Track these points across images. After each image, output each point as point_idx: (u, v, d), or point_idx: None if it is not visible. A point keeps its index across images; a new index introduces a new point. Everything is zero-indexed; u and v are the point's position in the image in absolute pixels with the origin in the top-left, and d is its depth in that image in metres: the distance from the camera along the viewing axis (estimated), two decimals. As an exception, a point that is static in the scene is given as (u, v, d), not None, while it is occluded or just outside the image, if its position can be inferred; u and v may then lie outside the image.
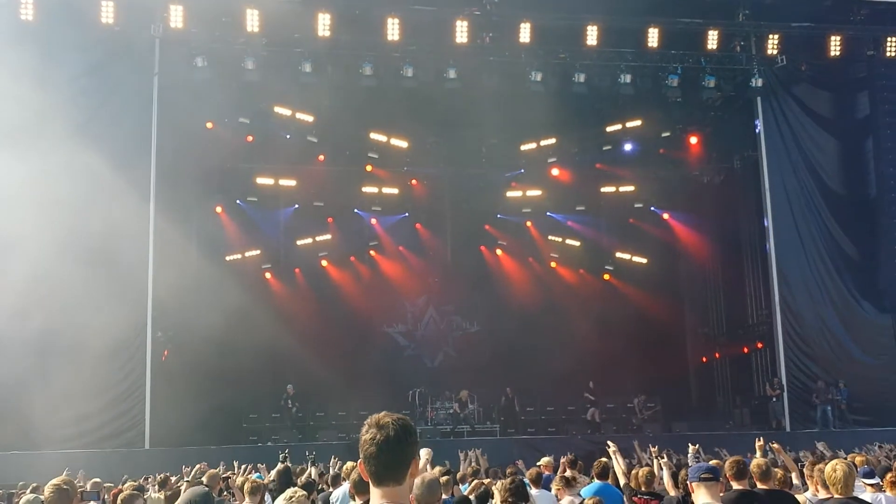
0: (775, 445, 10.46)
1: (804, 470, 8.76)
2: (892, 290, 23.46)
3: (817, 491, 7.29)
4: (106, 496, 10.05)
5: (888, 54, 23.08)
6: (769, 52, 22.89)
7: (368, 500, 3.09)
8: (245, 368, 23.62)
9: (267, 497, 10.36)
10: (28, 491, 9.99)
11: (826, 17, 22.89)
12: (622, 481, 9.55)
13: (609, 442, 10.65)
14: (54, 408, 18.89)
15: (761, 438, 10.20)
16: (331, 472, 11.84)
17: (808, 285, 23.51)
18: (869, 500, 7.43)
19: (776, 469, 8.19)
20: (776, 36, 22.75)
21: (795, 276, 23.52)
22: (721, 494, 6.13)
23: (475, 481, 9.41)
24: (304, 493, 8.07)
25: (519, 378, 25.76)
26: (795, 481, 8.86)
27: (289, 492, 7.93)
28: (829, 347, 23.35)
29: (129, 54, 21.08)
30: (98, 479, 11.12)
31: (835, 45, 22.80)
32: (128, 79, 21.18)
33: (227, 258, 26.51)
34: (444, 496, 7.85)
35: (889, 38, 23.00)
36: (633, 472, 9.43)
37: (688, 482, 5.98)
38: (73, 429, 19.83)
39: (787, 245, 23.60)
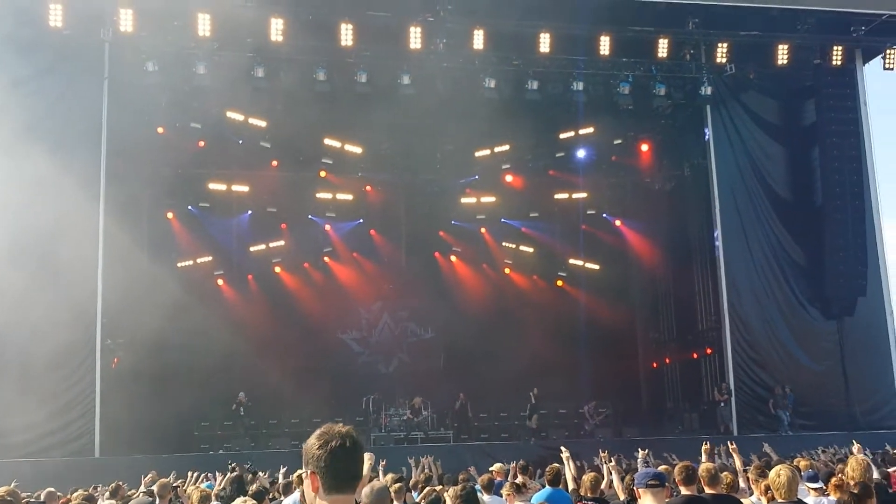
0: (732, 447, 10.65)
1: (749, 474, 8.91)
2: (838, 297, 23.91)
3: (762, 495, 7.41)
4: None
5: (834, 63, 23.50)
6: (718, 60, 23.23)
7: None
8: (197, 376, 23.38)
9: (218, 505, 10.28)
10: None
11: (774, 27, 23.25)
12: (571, 486, 9.63)
13: (562, 447, 10.74)
14: (1, 416, 18.56)
15: (708, 443, 10.37)
16: (280, 479, 11.75)
17: (756, 292, 23.87)
18: (811, 504, 7.59)
19: (724, 473, 8.32)
20: (725, 44, 23.10)
21: (744, 282, 23.88)
22: (667, 500, 6.22)
23: (427, 488, 9.41)
24: (255, 501, 8.04)
25: (473, 384, 25.81)
26: (742, 485, 9.01)
27: (238, 500, 7.90)
28: (776, 353, 23.71)
29: (78, 58, 20.79)
30: (52, 489, 10.93)
31: (782, 54, 23.19)
32: (77, 83, 20.90)
33: (179, 265, 26.19)
34: (395, 504, 7.86)
35: (835, 47, 23.43)
36: (583, 477, 9.50)
37: (634, 488, 6.05)
38: (21, 437, 19.50)
39: (736, 252, 23.95)
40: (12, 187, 18.78)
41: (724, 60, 23.22)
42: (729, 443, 10.66)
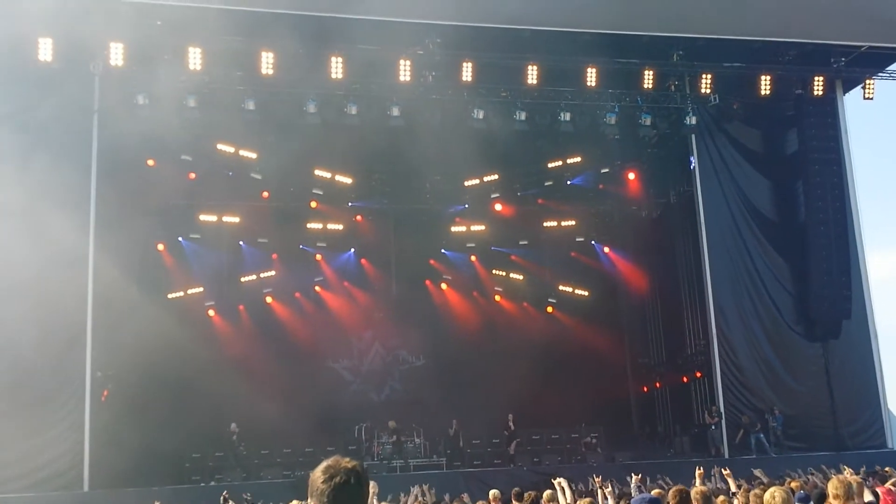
0: (726, 472, 10.78)
1: (738, 497, 9.03)
2: (823, 320, 24.23)
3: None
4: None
5: (815, 93, 23.91)
6: (702, 91, 23.61)
7: None
8: (187, 407, 23.28)
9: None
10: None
11: (756, 58, 23.72)
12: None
13: (560, 479, 10.85)
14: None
15: (701, 468, 10.50)
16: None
17: (742, 316, 24.13)
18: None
19: (720, 498, 8.44)
20: (709, 76, 23.49)
21: (731, 306, 24.14)
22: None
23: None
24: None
25: (464, 411, 25.85)
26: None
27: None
28: (763, 376, 23.95)
29: (67, 91, 20.64)
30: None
31: (765, 85, 23.59)
32: (66, 115, 20.76)
33: (170, 296, 26.19)
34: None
35: (816, 78, 23.85)
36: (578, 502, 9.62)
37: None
38: (9, 471, 19.34)
39: (723, 277, 24.22)
40: (3, 221, 18.78)
41: (708, 91, 23.60)
42: (722, 469, 10.79)
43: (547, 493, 10.61)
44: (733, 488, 10.29)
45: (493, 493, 12.29)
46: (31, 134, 20.32)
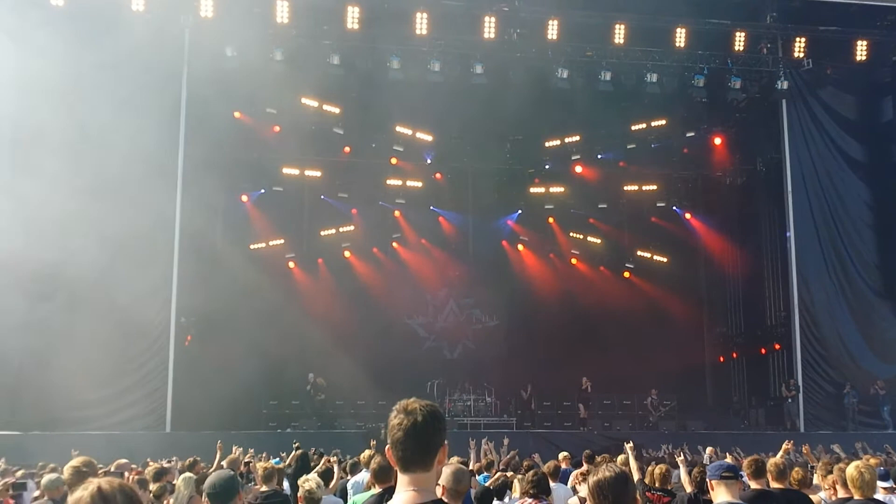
0: (805, 448, 10.62)
1: (817, 470, 8.87)
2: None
3: (834, 492, 7.37)
4: (130, 476, 10.25)
5: (913, 59, 23.04)
6: (795, 54, 22.92)
7: (388, 488, 3.16)
8: (265, 355, 23.80)
9: (285, 482, 10.60)
10: (48, 470, 10.16)
11: (852, 22, 22.88)
12: (636, 477, 9.71)
13: (629, 442, 10.82)
14: (76, 389, 19.18)
15: (790, 442, 10.33)
16: (346, 461, 11.95)
17: (826, 290, 23.55)
18: (884, 501, 7.53)
19: (795, 469, 8.29)
20: (803, 39, 22.77)
21: (815, 280, 23.56)
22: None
23: (498, 473, 9.59)
24: (319, 479, 8.34)
25: (536, 372, 25.92)
26: (816, 482, 8.95)
27: (304, 478, 8.22)
28: (845, 351, 23.40)
29: (158, 43, 20.93)
30: (124, 460, 11.30)
31: (861, 50, 22.79)
32: (157, 67, 21.22)
33: (252, 247, 26.76)
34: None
35: (915, 44, 22.96)
36: (650, 468, 9.58)
37: (707, 480, 6.09)
38: (96, 410, 20.17)
39: (808, 249, 23.63)
40: (96, 169, 19.33)
41: (801, 55, 22.92)
42: (803, 446, 10.61)
43: (621, 457, 10.60)
44: (812, 462, 10.12)
45: (562, 454, 12.33)
46: (123, 85, 20.85)
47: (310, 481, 7.88)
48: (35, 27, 19.83)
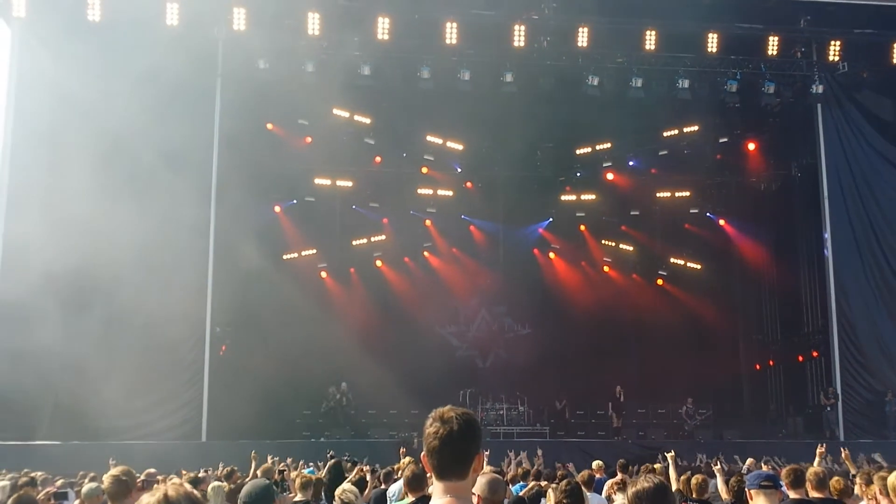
0: (845, 453, 10.45)
1: (857, 479, 8.71)
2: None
3: (876, 502, 7.22)
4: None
5: (952, 61, 22.64)
6: (830, 58, 22.67)
7: (421, 498, 3.17)
8: (299, 365, 23.94)
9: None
10: (87, 480, 10.26)
11: (888, 24, 22.55)
12: (674, 487, 9.61)
13: (671, 452, 10.71)
14: (113, 399, 19.33)
15: (823, 445, 10.17)
16: (379, 470, 11.94)
17: (865, 296, 23.19)
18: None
19: (835, 478, 8.15)
20: (837, 42, 22.52)
21: (852, 286, 23.22)
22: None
23: (532, 482, 9.54)
24: (356, 489, 8.33)
25: (569, 381, 25.81)
26: (857, 492, 8.79)
27: (341, 488, 8.22)
28: (884, 357, 23.01)
29: (192, 55, 21.09)
30: (152, 470, 11.40)
31: (897, 52, 22.46)
32: (191, 80, 21.34)
33: (285, 257, 26.96)
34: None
35: (954, 45, 22.57)
36: (683, 477, 9.48)
37: (746, 490, 6.01)
38: (132, 420, 20.33)
39: (845, 254, 23.30)
40: (131, 181, 19.59)
41: (836, 58, 22.66)
42: (842, 449, 10.45)
43: (659, 465, 10.49)
44: (853, 470, 9.94)
45: (596, 463, 12.25)
46: (158, 97, 20.97)
47: (347, 492, 7.87)
48: (72, 41, 20.19)
